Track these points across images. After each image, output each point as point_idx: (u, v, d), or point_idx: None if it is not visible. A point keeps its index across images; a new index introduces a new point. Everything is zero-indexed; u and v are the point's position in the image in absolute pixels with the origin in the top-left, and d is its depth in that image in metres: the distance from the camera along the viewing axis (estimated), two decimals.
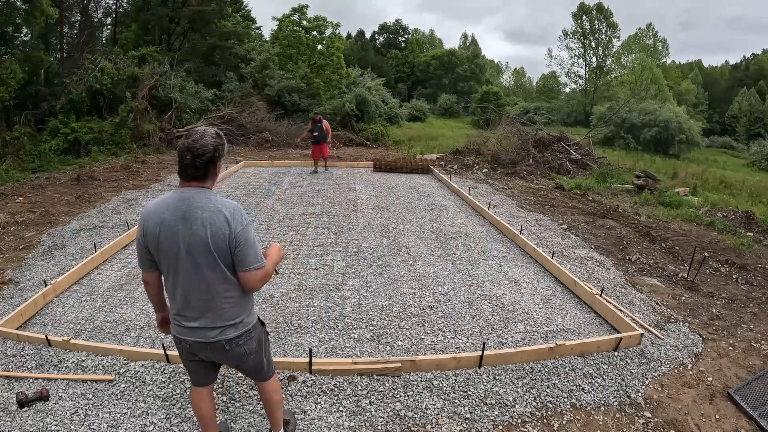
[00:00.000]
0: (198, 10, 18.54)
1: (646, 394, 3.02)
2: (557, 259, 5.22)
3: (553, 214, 7.66)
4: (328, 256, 5.25)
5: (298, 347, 3.39)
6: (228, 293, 1.94)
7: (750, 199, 11.72)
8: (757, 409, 2.87)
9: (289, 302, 4.09)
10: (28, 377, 2.92)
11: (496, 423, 2.71)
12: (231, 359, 2.09)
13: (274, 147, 14.96)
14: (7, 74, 12.47)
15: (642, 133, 24.17)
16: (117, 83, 13.66)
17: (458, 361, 3.14)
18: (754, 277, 5.17)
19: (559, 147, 13.71)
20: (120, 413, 2.64)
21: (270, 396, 2.30)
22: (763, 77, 49.05)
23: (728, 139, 39.55)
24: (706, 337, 3.79)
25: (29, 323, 3.64)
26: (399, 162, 11.60)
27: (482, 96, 39.19)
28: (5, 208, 6.93)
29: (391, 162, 11.48)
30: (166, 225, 1.83)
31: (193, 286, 1.91)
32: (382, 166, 11.20)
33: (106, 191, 8.13)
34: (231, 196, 7.99)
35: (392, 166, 11.21)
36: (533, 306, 4.16)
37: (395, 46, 57.69)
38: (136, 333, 3.53)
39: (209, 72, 18.93)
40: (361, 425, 2.63)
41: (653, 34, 50.65)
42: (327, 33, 21.91)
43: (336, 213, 7.10)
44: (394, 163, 11.36)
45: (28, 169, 11.11)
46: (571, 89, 52.40)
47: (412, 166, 11.24)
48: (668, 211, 8.44)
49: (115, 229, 6.01)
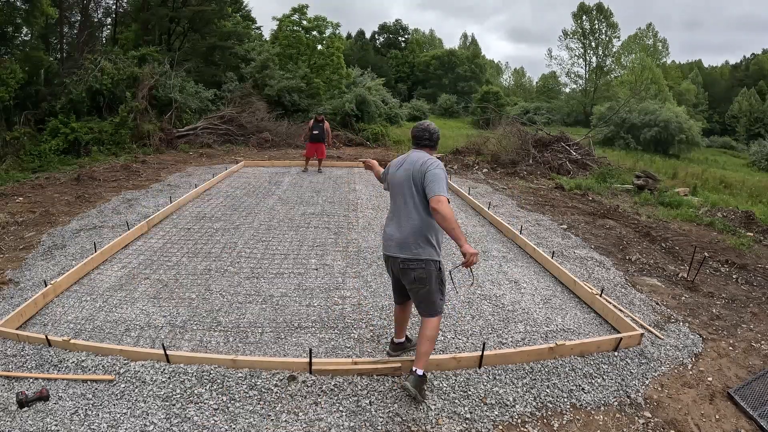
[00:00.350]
0: (198, 10, 18.52)
1: (646, 394, 3.02)
2: (557, 259, 5.22)
3: (553, 214, 7.66)
4: (328, 256, 5.25)
5: (298, 347, 3.39)
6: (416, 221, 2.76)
7: (750, 199, 11.73)
8: (757, 409, 2.87)
9: (289, 302, 4.09)
10: (28, 377, 2.92)
11: (496, 423, 2.71)
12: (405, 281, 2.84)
13: (274, 147, 14.95)
14: (7, 74, 12.47)
15: (642, 133, 24.18)
16: (117, 83, 13.65)
17: (458, 361, 3.15)
18: (754, 277, 5.17)
19: (559, 147, 13.71)
20: (120, 413, 2.64)
21: (425, 331, 2.80)
22: (763, 77, 49.02)
23: (728, 139, 39.54)
24: (706, 337, 3.79)
25: (29, 323, 3.64)
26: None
27: (482, 96, 39.18)
28: (5, 208, 6.93)
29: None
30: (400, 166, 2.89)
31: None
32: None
33: (106, 191, 8.13)
34: (231, 196, 7.99)
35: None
36: (533, 306, 4.16)
37: (395, 46, 57.68)
38: (136, 333, 3.53)
39: (209, 72, 18.91)
40: (361, 425, 2.63)
41: (653, 34, 50.68)
42: (327, 33, 21.90)
43: (336, 213, 7.10)
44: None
45: (28, 169, 11.11)
46: (571, 89, 52.42)
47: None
48: (668, 211, 8.45)
49: (115, 229, 6.01)
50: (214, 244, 5.58)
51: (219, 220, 6.55)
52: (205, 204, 7.44)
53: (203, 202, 7.60)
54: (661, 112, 24.44)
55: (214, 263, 4.95)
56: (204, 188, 8.39)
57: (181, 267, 4.83)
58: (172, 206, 6.92)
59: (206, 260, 5.03)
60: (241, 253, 5.29)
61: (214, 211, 7.00)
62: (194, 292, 4.24)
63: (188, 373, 2.95)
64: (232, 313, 3.87)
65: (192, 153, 13.12)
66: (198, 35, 19.93)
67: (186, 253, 5.26)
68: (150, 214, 6.60)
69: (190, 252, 5.29)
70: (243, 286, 4.39)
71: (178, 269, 4.77)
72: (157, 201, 7.49)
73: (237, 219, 6.64)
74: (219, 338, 3.49)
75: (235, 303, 4.05)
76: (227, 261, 5.03)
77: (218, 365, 3.03)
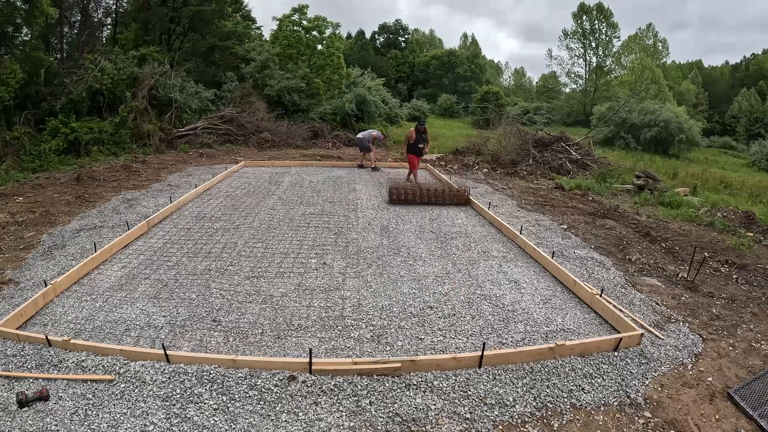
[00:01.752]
0: (198, 10, 18.51)
1: (646, 394, 3.02)
2: (557, 259, 5.22)
3: (553, 214, 7.66)
4: (328, 256, 5.25)
5: (298, 347, 3.40)
6: None
7: (750, 199, 11.73)
8: (757, 409, 2.87)
9: (289, 302, 4.09)
10: (28, 377, 2.92)
11: (496, 423, 2.71)
12: None
13: (274, 147, 14.95)
14: (7, 74, 12.45)
15: (642, 133, 24.18)
16: (117, 83, 13.65)
17: (458, 361, 3.15)
18: (754, 277, 5.17)
19: (559, 147, 13.71)
20: (120, 413, 2.64)
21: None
22: (763, 77, 49.02)
23: (728, 139, 39.50)
24: (706, 337, 3.79)
25: (29, 323, 3.64)
26: (424, 191, 7.81)
27: (482, 96, 39.18)
28: (5, 208, 6.93)
29: (414, 189, 7.87)
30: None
31: None
32: (401, 195, 7.77)
33: (106, 191, 8.12)
34: (231, 196, 7.99)
35: (415, 194, 7.73)
36: (533, 306, 4.16)
37: (395, 46, 57.67)
38: (136, 333, 3.53)
39: (209, 72, 18.92)
40: (361, 425, 2.63)
41: (653, 35, 50.67)
42: (327, 33, 21.91)
43: (336, 213, 7.10)
44: (420, 192, 7.78)
45: (28, 169, 11.09)
46: (571, 89, 52.41)
47: (445, 197, 7.81)
48: (668, 211, 8.45)
49: (115, 229, 6.01)
50: (214, 244, 5.58)
51: (219, 220, 6.54)
52: (205, 204, 7.44)
53: (203, 202, 7.59)
54: (661, 112, 24.43)
55: (214, 263, 4.95)
56: (204, 188, 8.38)
57: (181, 267, 4.83)
58: (172, 206, 6.92)
59: (206, 260, 5.03)
60: (241, 253, 5.29)
61: (214, 211, 7.00)
62: (194, 291, 4.24)
63: (188, 373, 2.96)
64: (232, 313, 3.87)
65: (192, 153, 13.12)
66: (198, 35, 19.94)
67: (186, 253, 5.26)
68: (150, 214, 6.60)
69: (190, 252, 5.29)
70: (243, 286, 4.39)
71: (178, 269, 4.77)
72: (157, 201, 7.49)
73: (237, 219, 6.64)
74: (219, 338, 3.49)
75: (235, 303, 4.05)
76: (227, 261, 5.03)
77: (218, 365, 3.03)
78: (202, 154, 13.02)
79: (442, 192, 7.88)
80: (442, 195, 7.85)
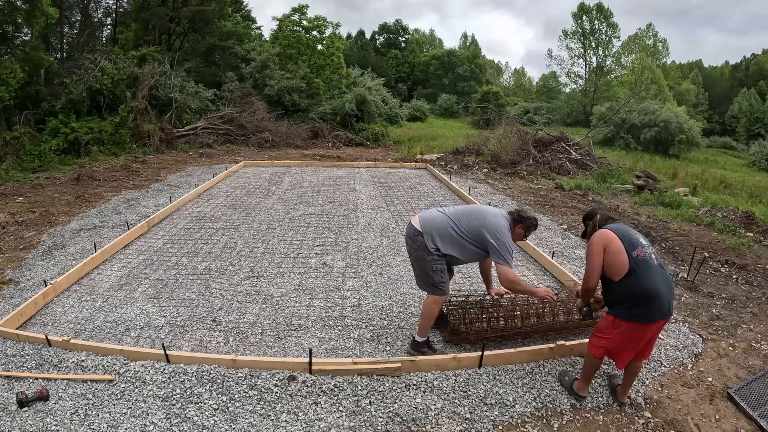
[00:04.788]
0: (198, 10, 18.52)
1: (646, 394, 3.02)
2: (557, 259, 5.22)
3: (553, 214, 7.66)
4: (328, 256, 5.25)
5: (298, 347, 3.40)
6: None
7: (750, 199, 11.72)
8: (757, 409, 2.87)
9: (289, 302, 4.09)
10: (28, 377, 2.92)
11: (496, 423, 2.71)
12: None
13: (274, 147, 14.96)
14: (7, 74, 12.45)
15: (642, 133, 24.14)
16: (117, 83, 13.66)
17: (458, 361, 3.15)
18: (754, 277, 5.17)
19: (559, 147, 13.71)
20: (120, 413, 2.64)
21: (424, 307, 3.29)
22: (763, 77, 48.99)
23: (728, 139, 39.45)
24: (706, 337, 3.79)
25: (29, 323, 3.64)
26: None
27: (482, 96, 39.14)
28: (5, 208, 6.93)
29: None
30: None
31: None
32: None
33: (106, 191, 8.13)
34: (231, 196, 7.99)
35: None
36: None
37: (395, 46, 57.63)
38: (136, 333, 3.53)
39: (209, 72, 18.92)
40: (361, 425, 2.63)
41: (653, 35, 50.65)
42: (327, 33, 21.92)
43: (336, 213, 7.10)
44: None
45: (28, 169, 11.09)
46: (571, 89, 52.38)
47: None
48: (668, 212, 8.44)
49: (115, 229, 6.01)
50: (214, 244, 5.58)
51: (219, 220, 6.54)
52: (205, 204, 7.44)
53: (203, 202, 7.59)
54: (661, 112, 24.40)
55: (214, 263, 4.95)
56: (204, 188, 8.39)
57: (181, 267, 4.83)
58: (172, 206, 6.92)
59: (206, 260, 5.03)
60: (241, 253, 5.29)
61: (214, 211, 7.00)
62: (194, 291, 4.24)
63: (188, 373, 2.96)
64: (232, 313, 3.87)
65: (192, 153, 13.13)
66: (198, 35, 19.94)
67: (186, 253, 5.26)
68: (150, 214, 6.60)
69: (190, 252, 5.29)
70: (243, 286, 4.39)
71: (178, 269, 4.77)
72: (157, 201, 7.49)
73: (237, 219, 6.64)
74: (219, 338, 3.49)
75: (235, 303, 4.05)
76: (227, 261, 5.03)
77: (218, 365, 3.03)
78: (202, 154, 13.03)
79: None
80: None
